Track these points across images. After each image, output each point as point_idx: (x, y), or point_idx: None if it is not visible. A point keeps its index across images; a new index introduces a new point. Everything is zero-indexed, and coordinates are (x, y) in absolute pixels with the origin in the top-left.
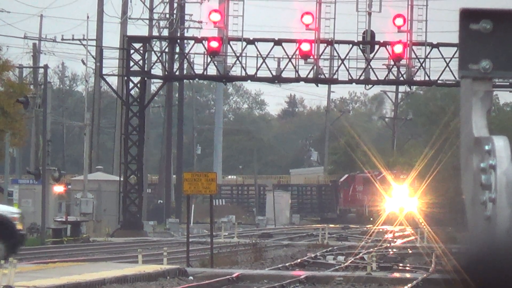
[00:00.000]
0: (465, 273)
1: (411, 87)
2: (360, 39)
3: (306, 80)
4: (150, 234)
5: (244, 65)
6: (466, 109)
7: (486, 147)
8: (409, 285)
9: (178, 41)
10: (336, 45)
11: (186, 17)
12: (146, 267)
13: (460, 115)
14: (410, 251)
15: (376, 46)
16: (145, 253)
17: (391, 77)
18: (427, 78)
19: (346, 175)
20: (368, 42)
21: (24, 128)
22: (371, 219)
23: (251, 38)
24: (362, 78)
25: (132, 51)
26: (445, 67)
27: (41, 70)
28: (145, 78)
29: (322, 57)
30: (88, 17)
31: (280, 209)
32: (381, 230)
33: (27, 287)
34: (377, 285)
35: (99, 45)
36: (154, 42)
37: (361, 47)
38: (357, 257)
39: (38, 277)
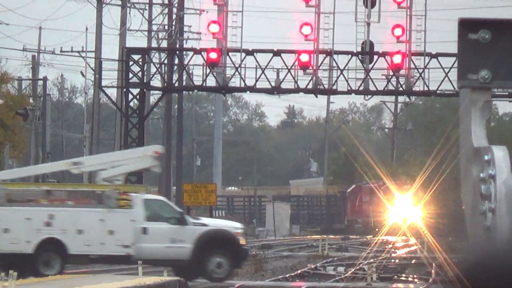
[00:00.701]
0: (466, 282)
1: (410, 97)
2: (359, 49)
3: (305, 90)
4: None
5: (243, 76)
6: (465, 119)
7: (486, 157)
8: None
9: (177, 52)
10: (335, 56)
11: (185, 29)
12: (146, 279)
13: (459, 125)
14: (411, 262)
15: (375, 57)
16: (145, 265)
17: (390, 87)
18: (426, 88)
19: (354, 186)
20: (367, 53)
21: (23, 140)
22: (376, 229)
23: (250, 49)
24: (361, 88)
25: (131, 62)
26: (444, 77)
27: (40, 82)
28: (144, 90)
29: (321, 67)
30: (87, 29)
31: (280, 220)
32: (383, 240)
33: None
34: None
35: (98, 57)
36: (153, 54)
37: (360, 57)
38: (357, 267)
39: None
